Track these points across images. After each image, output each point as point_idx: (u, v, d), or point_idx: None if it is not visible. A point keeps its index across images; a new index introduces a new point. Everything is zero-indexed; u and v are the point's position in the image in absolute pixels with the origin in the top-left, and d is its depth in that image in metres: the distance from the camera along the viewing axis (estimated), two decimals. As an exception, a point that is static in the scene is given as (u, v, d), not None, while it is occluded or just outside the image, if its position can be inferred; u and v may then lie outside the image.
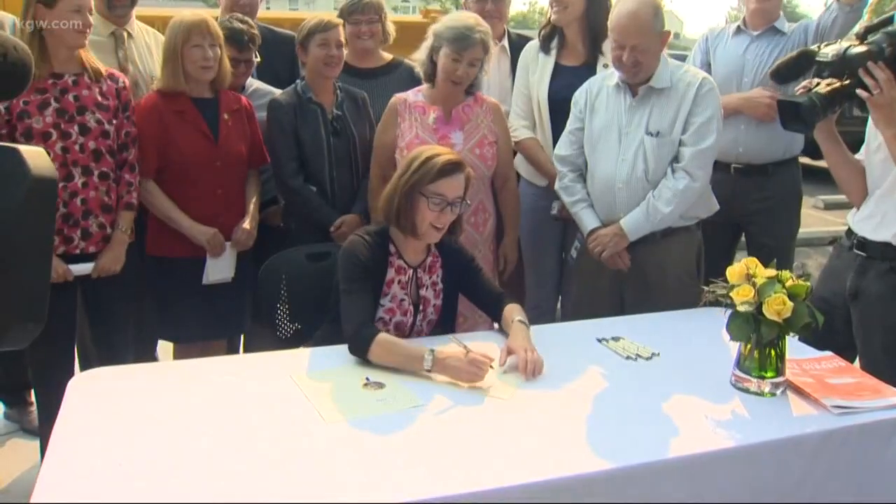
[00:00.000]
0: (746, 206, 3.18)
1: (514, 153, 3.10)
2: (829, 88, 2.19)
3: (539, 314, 3.14)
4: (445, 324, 2.35)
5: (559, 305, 3.40)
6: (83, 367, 2.73)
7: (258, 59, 3.00)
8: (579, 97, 2.77)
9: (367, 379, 1.94)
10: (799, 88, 2.29)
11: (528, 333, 2.13)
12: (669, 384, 1.98)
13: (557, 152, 2.82)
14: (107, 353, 2.64)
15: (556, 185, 2.82)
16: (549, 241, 3.20)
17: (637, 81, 2.60)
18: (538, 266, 3.23)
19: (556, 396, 1.90)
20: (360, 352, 2.02)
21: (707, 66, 3.23)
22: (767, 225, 3.20)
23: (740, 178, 3.17)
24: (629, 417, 1.80)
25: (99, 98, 2.55)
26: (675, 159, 2.60)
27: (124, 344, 2.73)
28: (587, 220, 2.72)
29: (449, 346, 2.06)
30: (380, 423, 1.73)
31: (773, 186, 3.18)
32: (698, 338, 2.28)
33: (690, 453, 1.66)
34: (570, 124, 2.79)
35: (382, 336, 2.03)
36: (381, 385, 1.92)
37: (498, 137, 2.86)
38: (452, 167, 2.17)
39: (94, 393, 1.85)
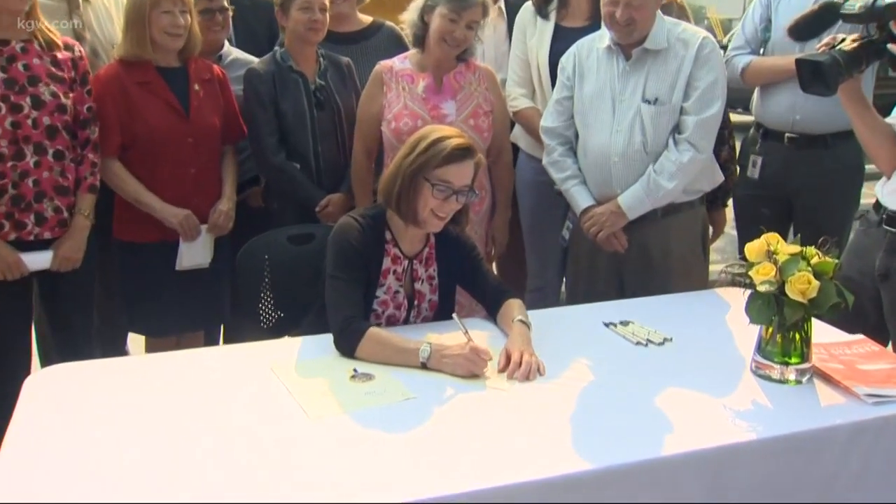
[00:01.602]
0: (800, 181, 3.02)
1: (512, 124, 3.05)
2: (854, 45, 2.13)
3: (542, 298, 3.12)
4: (440, 317, 2.30)
5: (563, 289, 3.36)
6: (44, 364, 2.70)
7: (232, 8, 2.91)
8: (566, 62, 2.70)
9: (356, 371, 1.91)
10: (820, 46, 2.23)
11: (528, 335, 2.06)
12: (683, 372, 1.94)
13: (543, 124, 2.76)
14: (68, 348, 2.58)
15: (545, 161, 2.76)
16: (552, 219, 3.15)
17: (630, 42, 2.53)
18: (540, 246, 3.19)
19: (559, 386, 1.87)
20: (348, 349, 1.98)
21: (767, 23, 3.08)
22: (822, 203, 2.99)
23: (795, 150, 3.02)
24: (640, 408, 1.76)
25: (52, 68, 2.45)
26: (678, 129, 2.54)
27: (87, 338, 2.69)
28: (580, 198, 2.66)
29: (447, 336, 2.03)
30: (369, 419, 1.70)
31: (832, 160, 2.97)
32: (714, 321, 2.25)
33: (707, 447, 1.63)
34: (557, 92, 2.73)
35: (374, 331, 1.98)
36: (369, 377, 1.88)
37: (493, 106, 2.80)
38: (462, 153, 2.10)
39: (53, 392, 1.80)
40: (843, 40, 2.16)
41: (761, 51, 3.10)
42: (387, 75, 2.76)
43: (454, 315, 2.05)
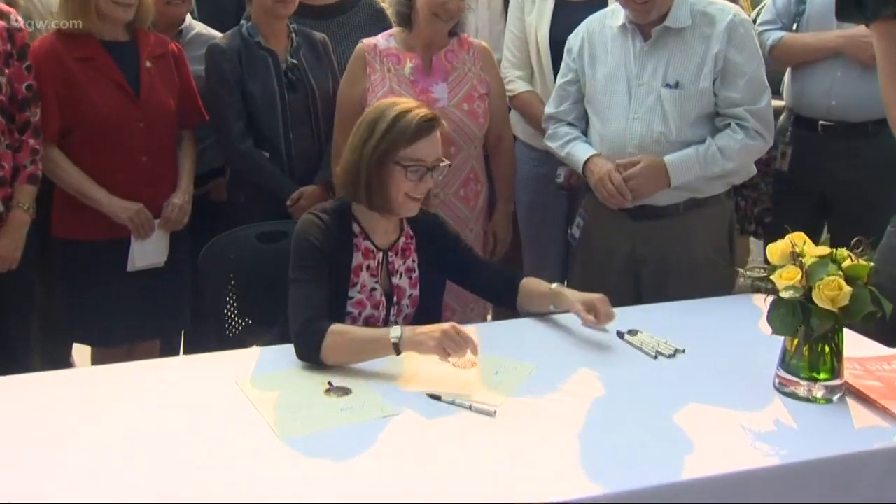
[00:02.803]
0: (835, 175, 3.01)
1: (509, 109, 3.07)
2: None
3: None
4: (426, 319, 2.30)
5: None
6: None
7: None
8: (574, 42, 2.73)
9: (330, 384, 1.92)
10: None
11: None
12: (697, 387, 1.95)
13: (546, 110, 2.80)
14: (4, 359, 2.57)
15: (545, 139, 2.80)
16: (552, 215, 3.18)
17: (649, 21, 2.54)
18: (539, 246, 3.21)
19: (556, 403, 1.88)
20: (311, 353, 1.97)
21: None
22: (859, 200, 2.97)
23: (830, 139, 3.02)
24: (647, 429, 1.77)
25: None
26: (735, 117, 2.54)
27: (26, 348, 2.68)
28: (583, 151, 2.66)
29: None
30: (344, 438, 1.70)
31: (873, 151, 2.94)
32: (733, 331, 2.26)
33: (723, 473, 1.63)
34: (562, 76, 2.76)
35: (337, 326, 1.98)
36: (346, 391, 1.89)
37: (490, 88, 2.82)
38: (429, 124, 2.12)
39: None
40: None
41: (794, 26, 3.11)
42: (370, 55, 2.77)
43: None
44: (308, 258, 2.11)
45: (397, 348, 1.92)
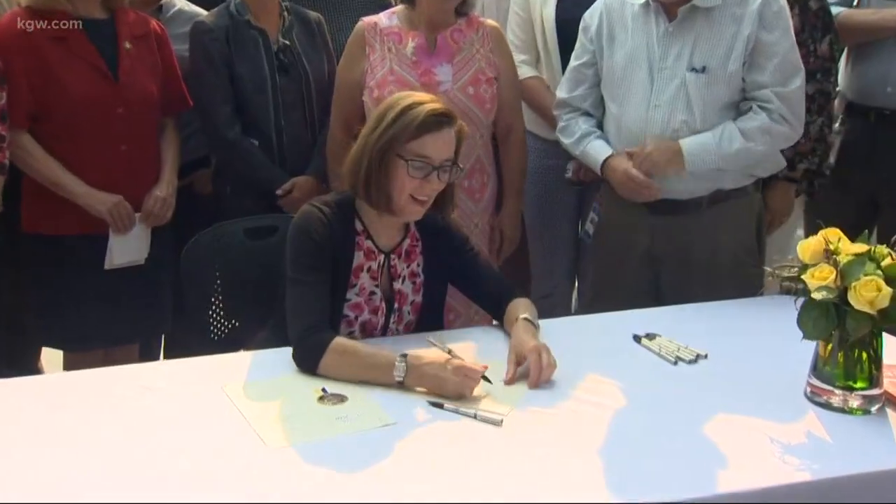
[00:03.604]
0: (888, 170, 2.97)
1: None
2: None
3: (551, 307, 3.13)
4: (428, 327, 2.33)
5: (575, 294, 3.38)
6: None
7: None
8: (591, 20, 2.73)
9: (325, 391, 1.93)
10: None
11: (536, 334, 2.11)
12: (720, 397, 1.95)
13: (558, 94, 2.81)
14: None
15: (557, 132, 2.81)
16: (562, 211, 3.18)
17: (675, 0, 2.54)
18: (547, 244, 3.22)
19: (567, 412, 1.88)
20: (309, 364, 2.00)
21: None
22: None
23: (884, 129, 2.99)
24: (667, 441, 1.77)
25: None
26: (758, 99, 2.54)
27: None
28: (600, 150, 2.66)
29: (426, 351, 2.05)
30: (339, 449, 1.71)
31: None
32: (760, 335, 2.27)
33: (750, 489, 1.63)
34: (576, 58, 2.76)
35: (339, 342, 2.01)
36: (341, 398, 1.90)
37: (499, 72, 2.82)
38: (439, 119, 2.12)
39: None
40: None
41: (855, 1, 3.07)
42: (370, 34, 2.78)
43: (429, 338, 2.10)
44: (309, 255, 2.12)
45: (400, 384, 1.93)
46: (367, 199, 2.17)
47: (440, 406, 1.86)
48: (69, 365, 2.86)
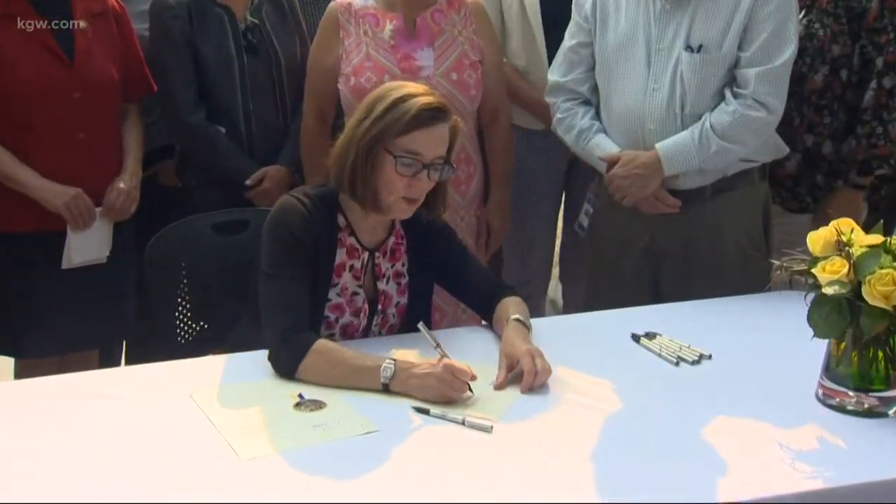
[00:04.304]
0: None
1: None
2: None
3: (528, 296, 3.12)
4: (412, 331, 2.31)
5: (557, 292, 3.39)
6: None
7: None
8: None
9: (301, 397, 1.93)
10: None
11: (527, 336, 2.13)
12: (725, 399, 1.97)
13: (551, 78, 2.80)
14: None
15: (554, 125, 2.81)
16: (533, 195, 3.19)
17: None
18: (520, 231, 3.21)
19: (562, 418, 1.89)
20: (288, 367, 2.00)
21: None
22: None
23: None
24: (669, 448, 1.78)
25: None
26: (735, 84, 2.56)
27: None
28: (606, 147, 2.66)
29: (413, 355, 2.06)
30: (317, 458, 1.71)
31: None
32: (768, 333, 2.28)
33: (758, 498, 1.63)
34: (571, 37, 2.76)
35: (322, 344, 2.01)
36: (319, 405, 1.91)
37: (484, 55, 2.82)
38: (433, 114, 2.12)
39: None
40: None
41: None
42: (344, 16, 2.77)
43: (420, 325, 2.09)
44: (288, 250, 2.12)
45: (386, 387, 1.94)
46: (352, 195, 2.17)
47: (426, 412, 1.86)
48: (21, 373, 2.86)
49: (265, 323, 2.08)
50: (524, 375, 1.98)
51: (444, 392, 1.91)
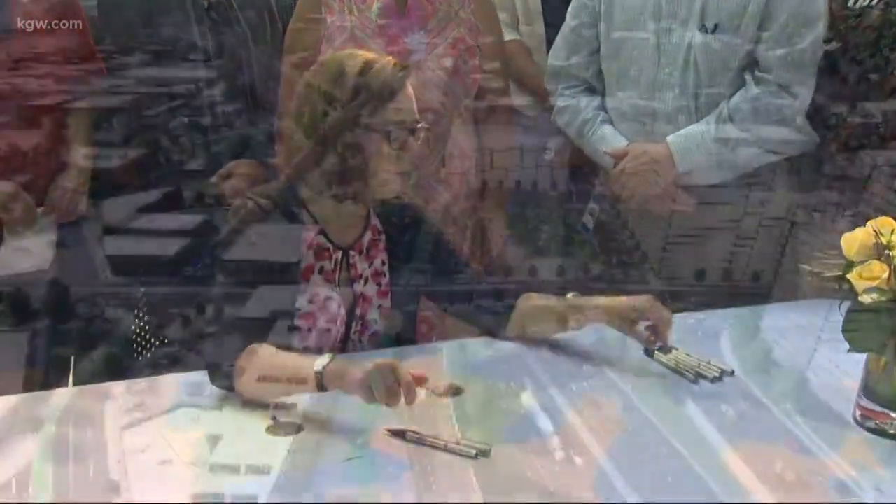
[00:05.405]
0: None
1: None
2: None
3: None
4: (398, 339, 2.35)
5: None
6: None
7: None
8: None
9: (275, 419, 1.92)
10: None
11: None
12: (751, 421, 1.97)
13: (552, 62, 2.84)
14: None
15: (554, 116, 2.84)
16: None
17: None
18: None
19: (562, 441, 1.88)
20: (224, 381, 1.99)
21: None
22: None
23: None
24: (687, 475, 1.77)
25: None
26: (756, 67, 2.57)
27: None
28: (611, 140, 2.69)
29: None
30: (294, 488, 1.70)
31: None
32: (797, 347, 2.28)
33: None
34: (574, 17, 2.79)
35: (253, 346, 1.97)
36: (297, 428, 1.90)
37: (483, 38, 2.81)
38: (403, 72, 2.15)
39: None
40: None
41: None
42: (327, -8, 2.77)
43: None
44: (245, 257, 2.12)
45: (321, 382, 1.86)
46: (336, 196, 2.17)
47: (401, 435, 1.85)
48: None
49: (208, 339, 2.09)
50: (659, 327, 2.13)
51: (374, 387, 1.79)
